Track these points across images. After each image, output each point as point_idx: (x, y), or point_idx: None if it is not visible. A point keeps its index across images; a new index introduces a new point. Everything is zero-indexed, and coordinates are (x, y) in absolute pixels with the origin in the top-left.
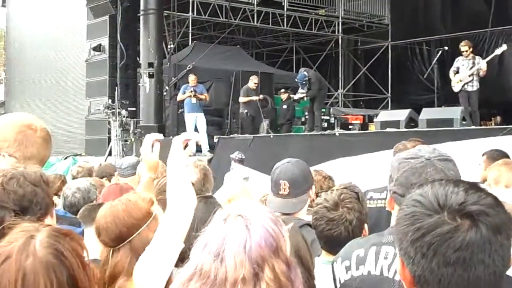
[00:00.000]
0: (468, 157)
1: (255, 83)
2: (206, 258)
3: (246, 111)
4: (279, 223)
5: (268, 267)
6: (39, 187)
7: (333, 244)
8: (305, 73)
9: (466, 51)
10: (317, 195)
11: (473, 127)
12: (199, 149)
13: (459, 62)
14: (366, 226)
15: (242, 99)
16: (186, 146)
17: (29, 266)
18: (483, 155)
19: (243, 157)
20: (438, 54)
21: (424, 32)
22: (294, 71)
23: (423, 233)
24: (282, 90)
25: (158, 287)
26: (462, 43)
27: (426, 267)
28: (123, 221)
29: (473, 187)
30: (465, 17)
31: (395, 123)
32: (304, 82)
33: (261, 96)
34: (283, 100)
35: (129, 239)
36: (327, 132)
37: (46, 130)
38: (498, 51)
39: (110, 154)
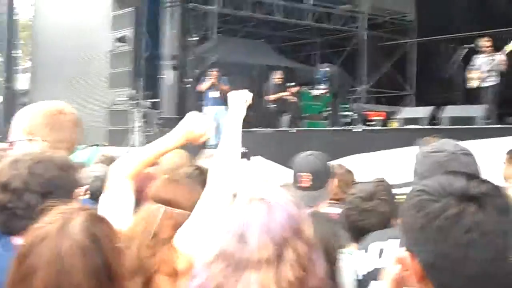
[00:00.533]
0: (490, 155)
1: (278, 78)
2: (229, 240)
3: (273, 106)
4: (300, 205)
5: (291, 248)
6: (66, 171)
7: (364, 235)
8: (326, 69)
9: (489, 46)
10: (340, 188)
11: (496, 125)
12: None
13: (479, 59)
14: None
15: (272, 96)
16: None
17: (65, 248)
18: (507, 153)
19: (246, 150)
20: (463, 52)
21: (449, 30)
22: (317, 66)
23: (431, 218)
24: (292, 84)
25: (203, 258)
26: (485, 39)
27: (438, 253)
28: (195, 196)
29: (472, 175)
30: (490, 15)
31: (417, 120)
32: (325, 79)
33: (294, 99)
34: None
35: (185, 212)
36: (349, 127)
37: (76, 115)
38: (508, 48)
39: (132, 145)
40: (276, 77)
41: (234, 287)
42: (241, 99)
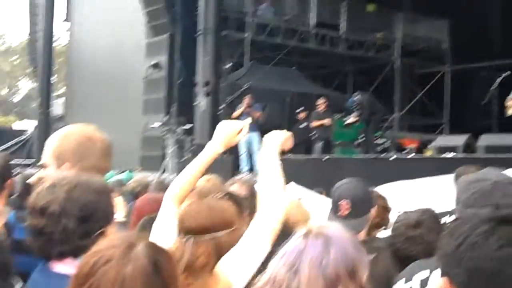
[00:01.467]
0: None
1: (321, 104)
2: (281, 268)
3: (316, 133)
4: (359, 248)
5: (342, 287)
6: (103, 195)
7: (409, 264)
8: (356, 98)
9: None
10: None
11: None
12: (251, 168)
13: None
14: None
15: (314, 123)
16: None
17: (128, 272)
18: None
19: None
20: (499, 80)
21: (484, 57)
22: (350, 94)
23: (463, 237)
24: (301, 109)
25: (240, 285)
26: None
27: (472, 270)
28: (218, 214)
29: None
30: None
31: (453, 149)
32: (354, 107)
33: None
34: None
35: (217, 234)
36: (382, 155)
37: (106, 142)
38: None
39: (165, 170)
40: (319, 103)
41: None
42: (277, 139)
